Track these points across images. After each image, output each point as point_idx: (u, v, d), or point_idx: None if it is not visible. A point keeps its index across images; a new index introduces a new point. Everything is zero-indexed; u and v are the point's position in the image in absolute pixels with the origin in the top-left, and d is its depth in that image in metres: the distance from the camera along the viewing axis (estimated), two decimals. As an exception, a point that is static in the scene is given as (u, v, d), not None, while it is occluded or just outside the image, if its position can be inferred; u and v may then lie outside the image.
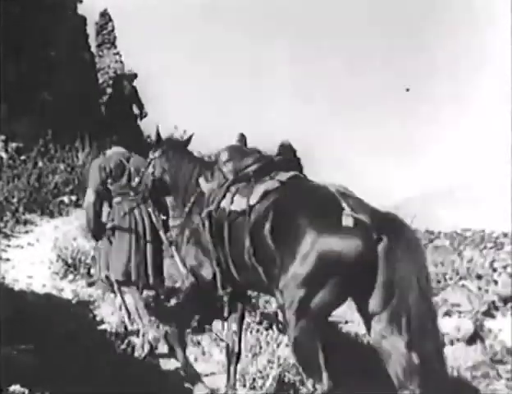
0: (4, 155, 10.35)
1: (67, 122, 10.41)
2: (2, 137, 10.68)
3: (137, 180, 5.09)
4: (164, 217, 5.35)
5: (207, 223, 4.05)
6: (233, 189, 4.03)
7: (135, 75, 12.31)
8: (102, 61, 17.67)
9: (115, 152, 5.56)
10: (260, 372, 4.93)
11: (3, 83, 9.40)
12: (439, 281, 6.90)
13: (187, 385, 4.61)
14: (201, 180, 4.39)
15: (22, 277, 6.38)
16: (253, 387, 4.80)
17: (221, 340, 4.88)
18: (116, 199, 5.38)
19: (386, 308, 3.34)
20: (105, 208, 5.49)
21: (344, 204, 3.41)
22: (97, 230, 5.33)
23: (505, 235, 11.68)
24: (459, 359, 5.57)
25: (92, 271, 6.53)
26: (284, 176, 3.93)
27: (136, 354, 4.96)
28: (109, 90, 16.44)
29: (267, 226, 3.64)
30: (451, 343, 5.73)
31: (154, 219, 5.25)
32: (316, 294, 3.35)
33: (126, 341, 5.06)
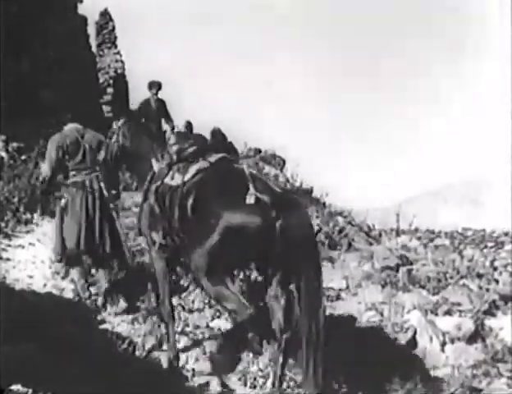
0: (5, 155, 10.36)
1: (68, 122, 10.40)
2: (3, 137, 10.69)
3: (102, 153, 5.51)
4: (114, 192, 5.90)
5: (154, 196, 4.73)
6: (175, 168, 4.68)
7: (160, 85, 11.21)
8: (103, 61, 17.68)
9: (71, 128, 5.97)
10: (261, 371, 4.93)
11: (4, 83, 9.41)
12: (439, 280, 6.89)
13: (187, 384, 4.62)
14: (153, 161, 4.99)
15: (23, 277, 6.38)
16: (253, 386, 4.80)
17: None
18: (72, 174, 5.84)
19: (277, 273, 4.10)
20: None
21: (250, 185, 4.04)
22: (45, 203, 6.23)
23: (506, 234, 11.68)
24: (459, 357, 5.57)
25: (92, 270, 6.53)
26: (214, 157, 4.60)
27: (137, 353, 4.96)
28: (110, 90, 16.45)
29: (190, 200, 4.32)
30: (452, 342, 5.73)
31: (105, 193, 5.80)
32: (222, 258, 4.10)
33: (127, 340, 5.07)
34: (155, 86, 11.17)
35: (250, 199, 3.99)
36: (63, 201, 5.80)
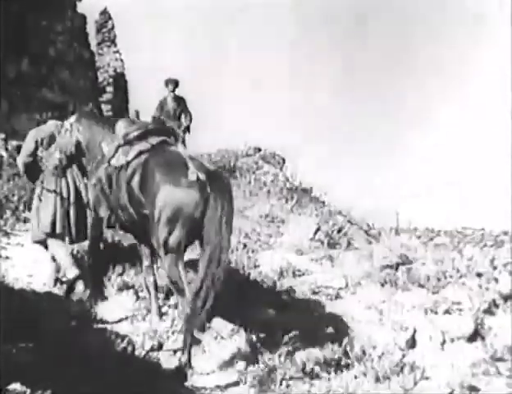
0: (4, 153, 10.35)
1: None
2: (2, 135, 10.68)
3: (57, 153, 6.00)
4: (86, 181, 6.07)
5: (103, 176, 5.25)
6: (120, 150, 5.20)
7: (176, 82, 11.28)
8: (102, 60, 17.66)
9: (49, 124, 6.29)
10: (261, 371, 4.93)
11: (3, 81, 9.39)
12: (439, 279, 6.89)
13: (187, 383, 4.61)
14: (103, 145, 5.42)
15: (22, 276, 6.37)
16: (253, 386, 4.79)
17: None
18: (46, 164, 6.13)
19: (207, 245, 4.56)
20: None
21: (190, 165, 4.62)
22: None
23: (505, 233, 11.68)
24: (459, 356, 5.58)
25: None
26: (155, 140, 5.14)
27: (136, 352, 4.95)
28: (109, 89, 16.43)
29: (136, 178, 4.88)
30: (452, 341, 5.73)
31: (78, 182, 6.10)
32: (172, 234, 4.56)
33: (127, 339, 5.06)
34: (171, 83, 11.26)
35: (192, 176, 4.57)
36: (39, 189, 6.12)
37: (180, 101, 11.27)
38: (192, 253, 5.40)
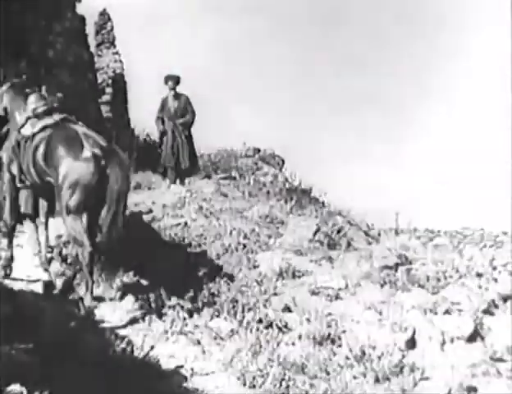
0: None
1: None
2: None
3: None
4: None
5: (14, 141, 6.04)
6: (29, 121, 6.00)
7: (177, 78, 11.08)
8: (102, 61, 17.65)
9: None
10: (260, 370, 4.93)
11: (1, 82, 9.38)
12: (439, 280, 6.88)
13: (187, 384, 4.61)
14: (16, 114, 6.24)
15: (22, 276, 6.36)
16: (253, 386, 4.80)
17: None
18: None
19: (108, 213, 5.50)
20: None
21: (85, 142, 5.49)
22: None
23: (505, 233, 11.68)
24: (459, 357, 5.57)
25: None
26: (59, 116, 5.94)
27: (136, 353, 4.95)
28: (108, 90, 16.42)
29: (41, 150, 5.70)
30: (451, 341, 5.73)
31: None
32: (72, 198, 5.40)
33: (126, 340, 5.06)
34: (171, 80, 11.03)
35: (87, 153, 5.44)
36: None
37: (181, 98, 11.10)
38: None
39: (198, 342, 5.45)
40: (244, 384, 4.82)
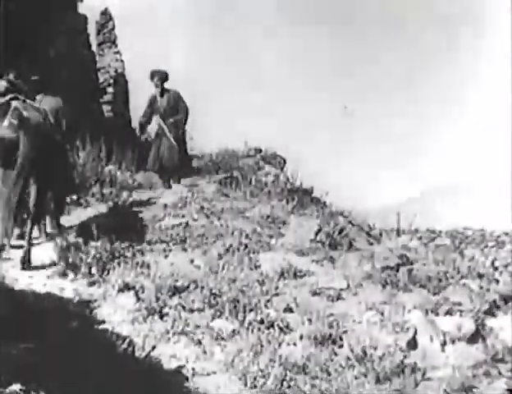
0: (4, 154, 10.32)
1: (67, 121, 10.36)
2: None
3: None
4: None
5: None
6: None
7: (162, 74, 10.55)
8: (103, 61, 17.64)
9: None
10: (261, 371, 4.92)
11: None
12: (440, 280, 6.88)
13: (187, 384, 4.61)
14: None
15: (22, 276, 6.37)
16: (254, 386, 4.79)
17: None
18: None
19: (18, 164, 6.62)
20: None
21: (9, 114, 6.69)
22: None
23: (506, 233, 11.66)
24: (460, 357, 5.57)
25: (93, 270, 6.54)
26: (9, 96, 6.87)
27: (137, 353, 4.94)
28: (110, 89, 16.42)
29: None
30: (452, 342, 5.72)
31: None
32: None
33: (127, 340, 5.05)
34: (156, 75, 10.50)
35: (6, 122, 6.61)
36: None
37: (170, 95, 10.58)
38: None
39: (200, 342, 5.44)
40: (246, 384, 4.82)
